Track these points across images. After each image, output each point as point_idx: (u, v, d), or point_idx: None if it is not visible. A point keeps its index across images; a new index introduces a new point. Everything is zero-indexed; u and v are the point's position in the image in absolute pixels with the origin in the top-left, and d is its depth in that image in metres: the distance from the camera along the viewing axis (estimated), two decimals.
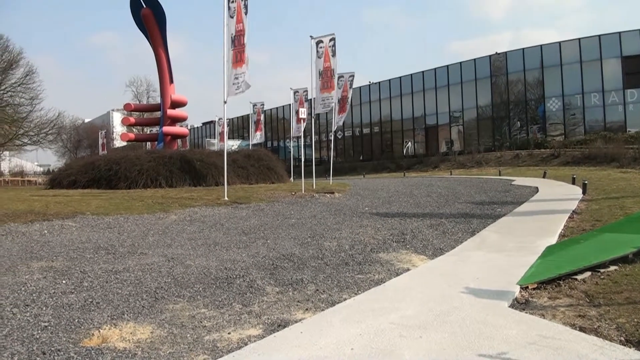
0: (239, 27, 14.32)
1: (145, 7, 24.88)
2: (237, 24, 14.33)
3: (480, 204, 12.39)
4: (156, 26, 25.14)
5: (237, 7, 14.28)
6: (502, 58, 38.48)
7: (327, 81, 20.02)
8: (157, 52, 25.56)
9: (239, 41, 14.28)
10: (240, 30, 14.28)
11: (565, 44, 35.51)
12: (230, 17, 14.47)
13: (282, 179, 23.18)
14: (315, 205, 13.16)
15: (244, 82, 14.18)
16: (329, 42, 19.93)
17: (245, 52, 14.18)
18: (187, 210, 11.74)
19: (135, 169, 18.73)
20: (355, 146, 50.42)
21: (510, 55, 38.08)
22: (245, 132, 56.10)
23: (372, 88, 48.73)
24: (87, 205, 12.14)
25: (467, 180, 22.51)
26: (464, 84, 40.40)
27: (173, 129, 26.74)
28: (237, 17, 14.33)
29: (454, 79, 41.11)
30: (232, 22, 14.46)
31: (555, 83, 35.74)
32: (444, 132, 42.65)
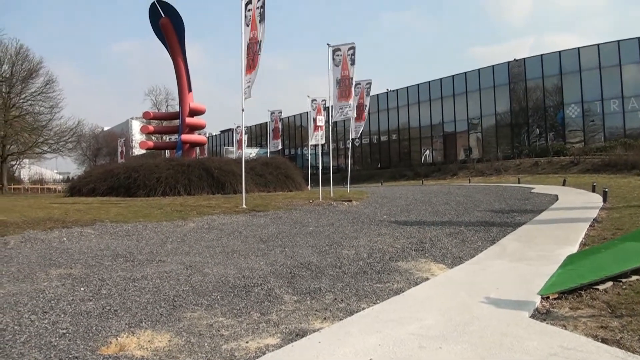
0: (252, 34, 14.38)
1: (164, 17, 25.15)
2: (252, 31, 14.40)
3: (500, 212, 12.26)
4: (175, 35, 25.39)
5: (252, 15, 14.36)
6: (521, 64, 38.23)
7: (345, 89, 20.00)
8: (176, 60, 25.80)
9: (252, 48, 14.34)
10: (254, 38, 14.33)
11: (584, 50, 35.14)
12: (247, 25, 14.55)
13: (300, 186, 23.18)
14: (333, 213, 13.13)
15: (248, 88, 14.25)
16: (348, 50, 19.89)
17: (257, 59, 14.23)
18: (205, 218, 11.77)
19: (154, 177, 18.85)
20: (373, 154, 50.33)
21: (529, 61, 37.82)
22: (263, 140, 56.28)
23: (390, 95, 48.70)
24: (106, 212, 12.23)
25: (485, 188, 22.32)
26: (483, 90, 40.20)
27: (191, 137, 26.92)
28: (251, 25, 14.41)
29: (472, 86, 40.93)
30: (247, 30, 14.53)
31: (574, 89, 35.36)
32: (462, 140, 42.43)
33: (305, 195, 18.59)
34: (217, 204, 14.71)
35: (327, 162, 45.37)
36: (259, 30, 14.33)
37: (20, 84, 42.59)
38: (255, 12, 14.37)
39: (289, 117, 57.51)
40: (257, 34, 14.33)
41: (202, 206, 14.01)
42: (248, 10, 14.55)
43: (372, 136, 50.02)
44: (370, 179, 42.75)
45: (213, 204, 14.72)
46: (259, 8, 14.34)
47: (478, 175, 34.71)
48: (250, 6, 14.48)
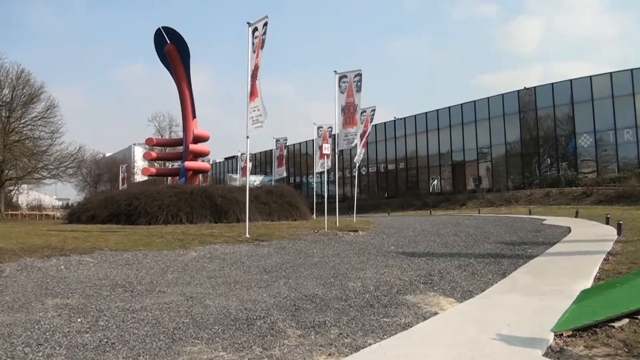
0: (257, 60, 14.55)
1: (169, 43, 25.49)
2: (257, 57, 14.57)
3: (511, 244, 12.17)
4: (180, 62, 25.69)
5: (257, 42, 14.55)
6: (531, 93, 38.40)
7: (349, 117, 20.11)
8: (181, 86, 26.06)
9: (255, 75, 14.50)
10: (257, 65, 14.51)
11: (596, 79, 35.24)
12: (253, 52, 14.72)
13: (305, 216, 23.13)
14: (339, 244, 13.06)
15: (260, 116, 14.31)
16: (354, 77, 20.06)
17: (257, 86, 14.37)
18: (207, 247, 11.73)
19: (155, 204, 18.86)
20: (380, 183, 50.37)
21: (540, 90, 37.99)
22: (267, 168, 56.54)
23: (397, 123, 48.95)
24: (106, 240, 12.21)
25: (496, 219, 22.21)
26: (492, 119, 40.33)
27: (195, 164, 27.02)
28: (256, 52, 14.58)
29: (482, 114, 41.09)
30: (252, 57, 14.70)
31: (586, 119, 35.38)
32: (472, 169, 42.44)
33: (310, 225, 18.52)
34: (219, 232, 14.67)
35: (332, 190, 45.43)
36: (259, 57, 14.51)
37: (20, 108, 42.99)
38: (260, 38, 14.56)
39: (295, 145, 57.80)
40: (258, 60, 14.51)
41: (204, 235, 13.97)
42: (255, 37, 14.74)
43: (379, 165, 50.13)
44: (377, 209, 42.66)
45: (216, 232, 14.67)
46: (263, 35, 14.54)
47: (488, 205, 34.60)
48: (257, 33, 14.67)
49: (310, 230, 16.21)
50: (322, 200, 29.98)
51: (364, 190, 51.45)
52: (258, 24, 14.71)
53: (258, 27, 14.67)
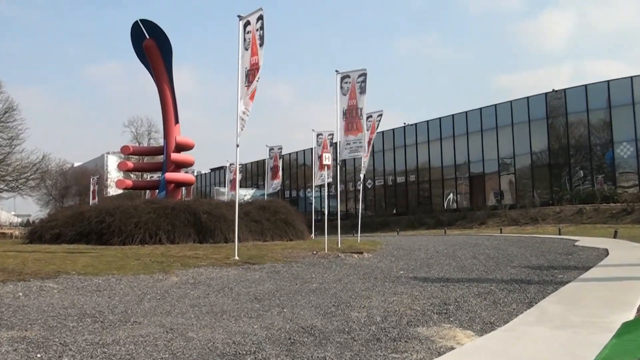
0: (253, 60, 14.57)
1: (148, 38, 25.55)
2: (252, 56, 14.58)
3: (538, 268, 12.11)
4: (160, 59, 25.75)
5: (252, 38, 14.57)
6: (560, 96, 38.47)
7: (352, 121, 20.11)
8: (161, 87, 26.10)
9: (253, 75, 14.50)
10: (255, 64, 14.52)
11: (638, 79, 34.98)
12: (245, 50, 14.74)
13: (302, 235, 23.10)
14: (341, 268, 13.01)
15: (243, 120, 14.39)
16: (358, 77, 20.11)
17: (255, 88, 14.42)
18: (190, 270, 11.68)
19: (131, 222, 18.83)
20: (388, 198, 50.38)
21: (570, 92, 38.03)
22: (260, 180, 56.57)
23: (407, 130, 49.07)
24: (73, 263, 12.15)
25: (520, 240, 22.16)
26: (516, 125, 40.40)
27: (177, 175, 27.00)
28: (251, 49, 14.60)
29: (504, 120, 41.16)
30: (246, 55, 14.71)
31: (626, 125, 35.22)
32: (492, 182, 42.45)
33: (308, 246, 18.45)
34: (205, 254, 14.61)
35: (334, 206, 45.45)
36: (259, 56, 14.52)
37: None
38: (255, 35, 14.58)
39: (291, 154, 57.89)
40: (257, 59, 14.52)
41: (187, 257, 13.91)
42: (247, 32, 14.77)
43: (387, 177, 50.18)
44: (384, 227, 42.59)
45: (200, 254, 14.62)
46: (259, 30, 14.57)
47: (511, 224, 34.55)
48: (250, 28, 14.71)
49: (308, 251, 16.15)
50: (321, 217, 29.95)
51: (369, 206, 51.44)
52: (251, 18, 14.75)
53: (251, 20, 14.71)
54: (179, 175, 27.33)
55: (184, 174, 28.79)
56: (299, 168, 58.42)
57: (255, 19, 14.64)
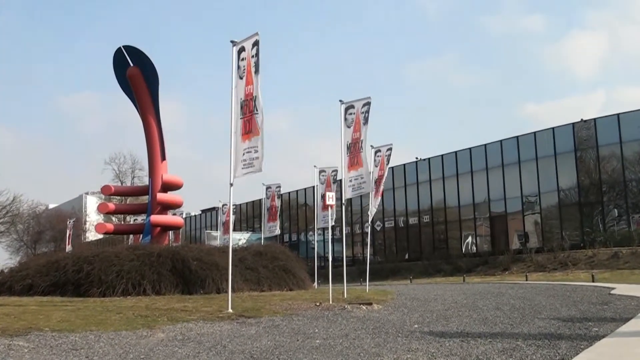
0: (248, 89, 14.68)
1: (132, 66, 25.83)
2: (247, 85, 14.70)
3: (569, 320, 12.02)
4: (146, 89, 26.00)
5: (247, 65, 14.70)
6: (590, 126, 38.56)
7: (355, 156, 20.19)
8: (146, 120, 26.29)
9: (248, 107, 14.59)
10: (250, 94, 14.62)
11: None
12: (240, 78, 14.87)
13: (304, 284, 23.03)
14: (348, 321, 12.91)
15: (256, 159, 14.35)
16: (362, 107, 20.20)
17: (255, 121, 14.44)
18: (178, 325, 11.60)
19: (112, 271, 18.78)
20: (399, 241, 50.25)
21: (601, 122, 38.10)
22: (256, 223, 56.61)
23: (420, 166, 49.16)
24: (47, 318, 12.07)
25: (548, 288, 22.03)
26: (540, 160, 40.43)
27: (164, 218, 27.02)
28: (246, 78, 14.72)
29: (527, 153, 41.19)
30: (241, 84, 14.84)
31: None
32: (516, 223, 42.35)
33: (310, 296, 18.36)
34: (194, 307, 14.53)
35: (339, 251, 45.18)
36: (255, 84, 14.64)
37: None
38: (250, 62, 14.72)
39: (290, 193, 57.95)
40: (253, 88, 14.64)
41: (174, 310, 13.84)
42: (242, 59, 14.92)
43: (398, 218, 50.11)
44: (395, 274, 42.39)
45: (190, 307, 14.54)
46: (254, 57, 14.71)
47: (537, 270, 34.35)
48: (244, 54, 14.86)
49: (311, 303, 16.06)
50: (325, 263, 29.87)
51: (378, 250, 51.27)
52: (245, 44, 14.92)
53: (246, 47, 14.87)
54: (165, 217, 27.34)
55: (171, 217, 28.83)
56: (299, 209, 58.36)
57: (250, 44, 14.80)
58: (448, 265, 41.51)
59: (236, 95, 14.81)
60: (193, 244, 33.14)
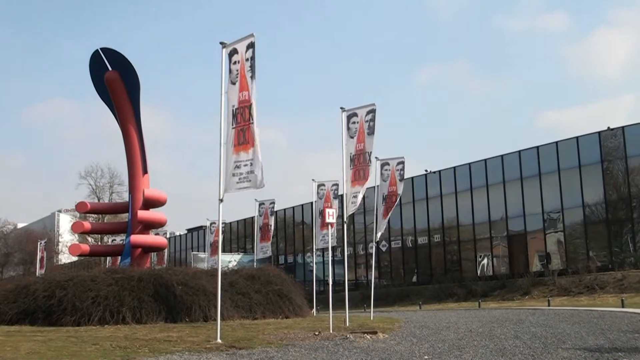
0: (243, 95, 14.66)
1: (111, 70, 25.84)
2: (241, 91, 14.70)
3: (597, 350, 11.98)
4: (126, 95, 25.98)
5: (241, 69, 14.70)
6: (618, 135, 38.52)
7: (359, 170, 20.17)
8: (126, 129, 26.26)
9: (243, 115, 14.58)
10: (245, 101, 14.61)
11: None
12: (232, 84, 14.88)
13: (301, 311, 22.98)
14: (350, 352, 12.87)
15: (252, 173, 14.33)
16: (366, 115, 20.23)
17: (252, 131, 14.42)
18: (161, 358, 11.55)
19: (88, 296, 18.69)
20: (407, 263, 50.19)
21: (630, 131, 38.02)
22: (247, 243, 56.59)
23: (429, 180, 49.13)
24: (14, 349, 12.02)
25: (573, 314, 21.98)
26: (563, 172, 40.38)
27: (145, 238, 26.95)
28: (240, 83, 14.72)
29: (548, 165, 41.14)
30: (233, 90, 14.84)
31: None
32: (536, 243, 42.27)
33: (308, 324, 18.31)
34: (179, 336, 14.49)
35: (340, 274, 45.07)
36: (251, 90, 14.62)
37: None
38: (244, 66, 14.72)
39: (286, 210, 57.92)
40: (248, 95, 14.61)
41: (157, 340, 13.79)
42: (234, 62, 14.94)
43: (405, 237, 50.02)
44: (403, 300, 42.30)
45: (174, 336, 14.50)
46: (249, 60, 14.69)
47: (561, 294, 34.30)
48: (237, 57, 14.86)
49: (309, 332, 16.01)
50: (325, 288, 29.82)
51: (384, 273, 51.15)
52: (238, 45, 14.92)
53: (239, 49, 14.86)
54: (147, 237, 27.27)
55: (153, 236, 28.76)
56: (296, 227, 58.22)
57: (244, 46, 14.78)
58: (461, 289, 41.40)
59: (227, 102, 14.82)
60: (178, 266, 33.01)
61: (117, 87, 25.86)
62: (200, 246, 58.94)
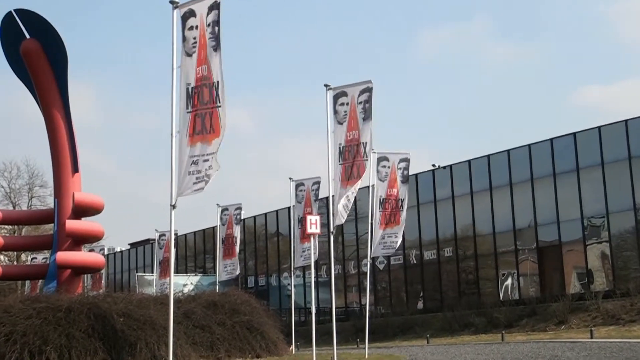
0: (202, 71, 14.45)
1: (29, 38, 25.49)
2: (200, 65, 14.49)
3: None
4: (50, 71, 25.67)
5: (200, 38, 14.48)
6: None
7: (351, 165, 20.05)
8: (50, 116, 25.95)
9: (201, 97, 14.37)
10: (205, 77, 14.39)
11: None
12: (187, 55, 14.68)
13: (276, 348, 22.94)
14: None
15: (211, 167, 14.17)
16: (360, 95, 20.09)
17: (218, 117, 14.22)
18: None
19: (0, 333, 18.47)
20: (411, 284, 50.18)
21: None
22: (208, 261, 56.49)
23: (438, 177, 49.08)
24: None
25: (623, 349, 22.02)
26: (608, 166, 40.35)
27: (76, 255, 26.69)
28: (198, 55, 14.50)
29: (589, 157, 41.07)
30: (189, 64, 14.65)
31: None
32: (574, 257, 42.29)
33: None
34: None
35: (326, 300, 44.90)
36: (214, 65, 14.39)
37: None
38: (204, 33, 14.50)
39: (256, 218, 57.84)
40: (210, 70, 14.40)
41: None
42: (189, 28, 14.72)
43: (409, 251, 49.90)
44: (406, 332, 42.30)
45: None
46: (211, 26, 14.46)
47: (607, 322, 34.33)
48: (194, 22, 14.64)
49: None
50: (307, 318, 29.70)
51: (382, 298, 51.08)
52: (195, 6, 14.71)
53: (197, 11, 14.67)
54: (79, 255, 27.03)
55: (87, 254, 28.56)
56: (269, 240, 57.89)
57: (204, 8, 14.57)
58: (480, 317, 41.36)
59: (181, 77, 14.62)
60: (119, 292, 32.79)
61: (38, 60, 25.53)
62: (147, 265, 58.73)
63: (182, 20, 14.80)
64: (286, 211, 40.19)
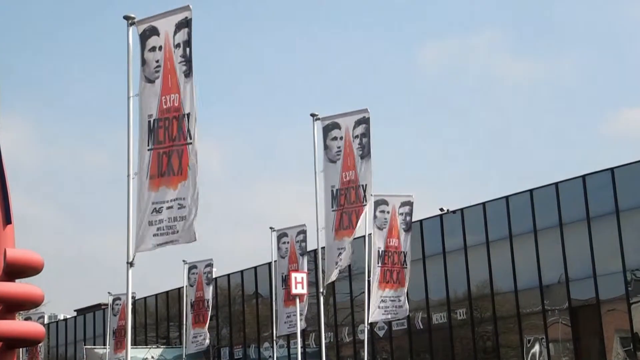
0: (168, 101, 14.20)
1: None
2: (165, 94, 14.22)
3: None
4: None
5: (166, 61, 14.26)
6: None
7: (347, 212, 19.89)
8: None
9: (169, 131, 14.10)
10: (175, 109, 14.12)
11: None
12: (148, 81, 14.46)
13: None
14: None
15: (181, 221, 13.86)
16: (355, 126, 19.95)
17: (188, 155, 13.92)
18: None
19: None
20: (417, 353, 50.07)
21: None
22: (172, 329, 56.10)
23: (446, 223, 48.94)
24: None
25: None
26: None
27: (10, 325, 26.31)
28: (163, 81, 14.25)
29: (630, 197, 41.00)
30: (151, 91, 14.40)
31: None
32: (616, 318, 42.12)
33: None
34: None
35: None
36: (185, 94, 14.13)
37: None
38: (172, 56, 14.27)
39: (230, 276, 57.51)
40: (178, 100, 14.15)
41: None
42: (150, 49, 14.51)
43: (414, 314, 49.64)
44: None
45: None
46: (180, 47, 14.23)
47: None
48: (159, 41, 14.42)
49: None
50: None
51: None
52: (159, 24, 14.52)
53: (160, 29, 14.45)
54: (13, 324, 26.64)
55: (23, 322, 28.18)
56: (246, 303, 57.68)
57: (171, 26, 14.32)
58: None
59: (141, 109, 14.37)
60: None
61: None
62: (98, 336, 58.42)
63: (141, 40, 14.56)
64: (266, 267, 39.95)
